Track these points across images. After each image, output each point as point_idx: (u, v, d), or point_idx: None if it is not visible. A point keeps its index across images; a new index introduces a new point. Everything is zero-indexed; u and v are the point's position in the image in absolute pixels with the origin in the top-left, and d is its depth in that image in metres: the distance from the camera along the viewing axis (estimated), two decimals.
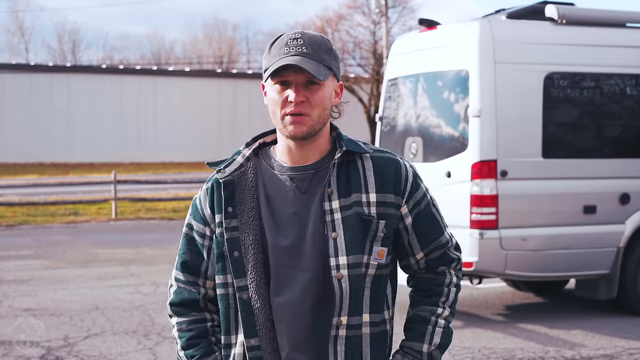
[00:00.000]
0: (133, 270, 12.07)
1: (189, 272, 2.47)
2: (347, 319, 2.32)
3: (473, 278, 8.90)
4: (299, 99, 2.29)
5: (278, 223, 2.35)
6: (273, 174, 2.39)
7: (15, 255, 13.89)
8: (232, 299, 2.38)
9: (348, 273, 2.32)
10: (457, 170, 8.48)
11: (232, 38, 75.14)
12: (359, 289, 2.34)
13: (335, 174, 2.35)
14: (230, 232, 2.36)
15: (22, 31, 73.31)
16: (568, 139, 8.86)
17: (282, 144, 2.40)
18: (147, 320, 8.74)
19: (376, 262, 2.35)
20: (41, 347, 7.69)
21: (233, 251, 2.36)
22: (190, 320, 2.46)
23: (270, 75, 2.31)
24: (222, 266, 2.38)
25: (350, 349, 2.34)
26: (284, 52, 2.30)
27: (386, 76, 10.01)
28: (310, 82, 2.31)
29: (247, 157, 2.43)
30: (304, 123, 2.30)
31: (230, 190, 2.38)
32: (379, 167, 2.39)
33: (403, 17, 40.79)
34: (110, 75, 45.99)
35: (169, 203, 22.48)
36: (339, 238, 2.32)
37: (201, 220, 2.44)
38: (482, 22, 8.59)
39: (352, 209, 2.34)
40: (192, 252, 2.46)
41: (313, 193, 2.36)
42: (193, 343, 2.44)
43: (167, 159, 44.00)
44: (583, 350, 7.55)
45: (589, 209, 8.66)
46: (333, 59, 2.36)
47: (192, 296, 2.46)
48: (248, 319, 2.34)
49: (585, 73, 8.82)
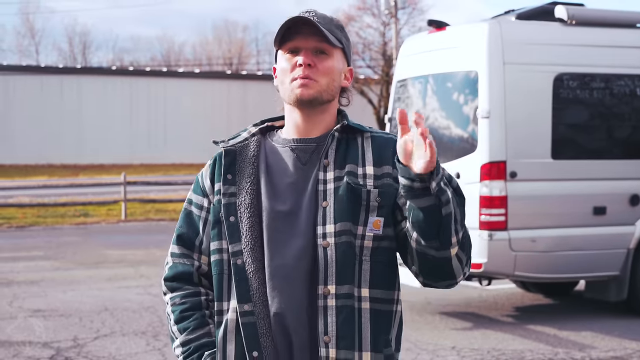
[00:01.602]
0: (143, 272, 12.09)
1: (184, 245, 2.46)
2: (335, 287, 2.26)
3: (482, 279, 8.88)
4: (307, 61, 2.32)
5: (276, 190, 2.35)
6: (275, 147, 2.42)
7: (25, 257, 13.93)
8: (226, 264, 2.36)
9: (335, 241, 2.27)
10: (466, 171, 8.47)
11: (242, 39, 75.20)
12: (348, 259, 2.27)
13: (335, 147, 2.36)
14: (228, 197, 2.37)
15: (33, 33, 73.54)
16: (578, 140, 8.84)
17: (288, 119, 2.42)
18: (156, 321, 8.75)
19: (372, 233, 2.29)
20: (50, 347, 7.71)
21: (229, 216, 2.35)
22: (184, 294, 2.44)
23: (280, 42, 2.35)
24: (218, 232, 2.37)
25: (342, 320, 2.25)
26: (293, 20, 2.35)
27: (395, 77, 10.00)
28: (320, 52, 2.35)
29: (252, 133, 2.46)
30: (311, 87, 2.32)
31: (231, 158, 2.40)
32: (378, 144, 2.38)
33: (412, 19, 40.76)
34: (121, 77, 46.06)
35: (178, 204, 22.48)
36: (328, 207, 2.29)
37: (200, 192, 2.46)
38: (491, 23, 8.58)
39: (343, 179, 2.32)
40: (188, 225, 2.46)
41: (312, 164, 2.36)
42: (187, 315, 2.41)
43: (177, 160, 44.03)
44: (593, 352, 7.52)
45: (599, 210, 8.64)
46: (343, 37, 2.41)
47: (185, 269, 2.45)
48: (242, 284, 2.31)
49: (594, 74, 8.80)
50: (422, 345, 7.76)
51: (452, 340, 7.94)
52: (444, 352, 7.54)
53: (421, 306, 9.50)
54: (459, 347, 7.71)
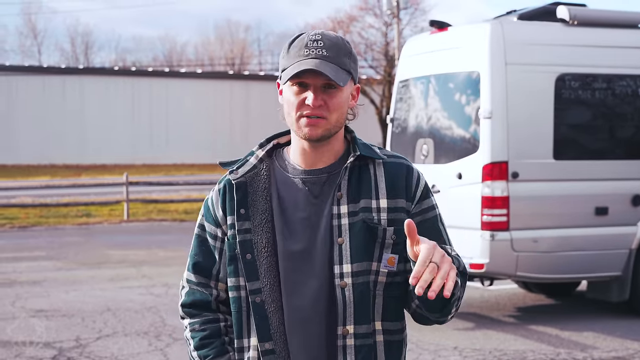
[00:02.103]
0: (145, 272, 12.10)
1: (201, 274, 2.43)
2: (353, 327, 2.27)
3: (484, 280, 8.88)
4: (317, 103, 2.24)
5: (289, 227, 2.31)
6: (286, 177, 2.35)
7: (28, 257, 13.94)
8: (244, 302, 2.34)
9: (352, 281, 2.26)
10: (468, 171, 8.47)
11: (244, 40, 75.26)
12: (365, 297, 2.28)
13: (347, 178, 2.31)
14: (243, 234, 2.32)
15: (35, 33, 73.69)
16: (579, 140, 8.84)
17: (296, 145, 2.36)
18: (158, 321, 8.76)
19: (386, 270, 2.29)
20: (53, 348, 7.72)
21: (245, 254, 2.32)
22: (203, 320, 2.42)
23: (287, 78, 2.27)
24: (234, 269, 2.35)
25: (361, 359, 2.28)
26: (303, 54, 2.25)
27: (397, 77, 10.00)
28: (329, 86, 2.26)
29: (260, 158, 2.39)
30: (320, 126, 2.26)
31: (243, 191, 2.35)
32: (390, 173, 2.34)
33: (415, 19, 40.75)
34: (123, 77, 46.10)
35: (180, 205, 22.52)
36: (344, 244, 2.28)
37: (213, 221, 2.41)
38: (493, 24, 8.58)
39: (359, 215, 2.29)
40: (203, 253, 2.43)
41: (325, 197, 2.31)
42: (206, 342, 2.39)
43: (179, 160, 44.07)
44: (595, 353, 7.52)
45: (601, 211, 8.64)
46: (352, 62, 2.31)
47: (204, 297, 2.43)
48: (262, 323, 2.30)
49: (596, 74, 8.80)
50: (424, 345, 7.76)
51: (454, 341, 7.95)
52: (446, 352, 7.54)
53: None
54: (461, 347, 7.71)
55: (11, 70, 44.40)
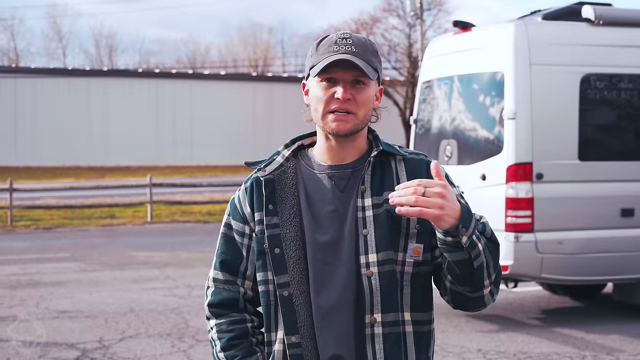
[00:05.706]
0: (168, 273, 12.13)
1: (229, 272, 2.45)
2: (381, 316, 2.30)
3: (509, 281, 8.83)
4: (347, 96, 2.30)
5: (318, 220, 2.36)
6: (312, 173, 2.40)
7: (52, 258, 14.02)
8: (272, 295, 2.36)
9: (378, 270, 2.30)
10: (492, 173, 8.42)
11: (268, 41, 75.36)
12: (392, 286, 2.31)
13: (370, 172, 2.36)
14: (271, 229, 2.36)
15: (60, 36, 74.17)
16: (605, 141, 8.75)
17: (321, 143, 2.41)
18: (181, 323, 8.76)
19: (412, 260, 2.33)
20: (76, 348, 7.74)
21: (274, 248, 2.35)
22: (230, 320, 2.43)
23: (317, 72, 2.32)
24: (263, 263, 2.38)
25: (390, 347, 2.30)
26: (333, 50, 2.31)
27: (421, 78, 9.96)
28: (357, 82, 2.32)
29: (286, 157, 2.44)
30: (349, 121, 2.31)
31: (271, 188, 2.39)
32: (412, 167, 2.40)
33: (438, 20, 40.70)
34: (147, 79, 46.30)
35: (204, 206, 22.57)
36: (369, 235, 2.32)
37: (240, 219, 2.44)
38: (517, 24, 8.52)
39: (382, 207, 2.33)
40: (231, 251, 2.45)
41: (350, 191, 2.36)
42: (235, 343, 2.40)
43: (203, 162, 44.19)
44: (621, 356, 7.45)
45: (627, 212, 8.55)
46: (378, 62, 2.38)
47: (231, 296, 2.44)
48: (289, 316, 2.33)
49: (622, 74, 8.71)
50: (449, 347, 7.72)
51: (478, 343, 7.90)
52: (470, 354, 7.49)
53: (447, 309, 9.44)
54: (485, 349, 7.66)
55: (36, 73, 44.75)
